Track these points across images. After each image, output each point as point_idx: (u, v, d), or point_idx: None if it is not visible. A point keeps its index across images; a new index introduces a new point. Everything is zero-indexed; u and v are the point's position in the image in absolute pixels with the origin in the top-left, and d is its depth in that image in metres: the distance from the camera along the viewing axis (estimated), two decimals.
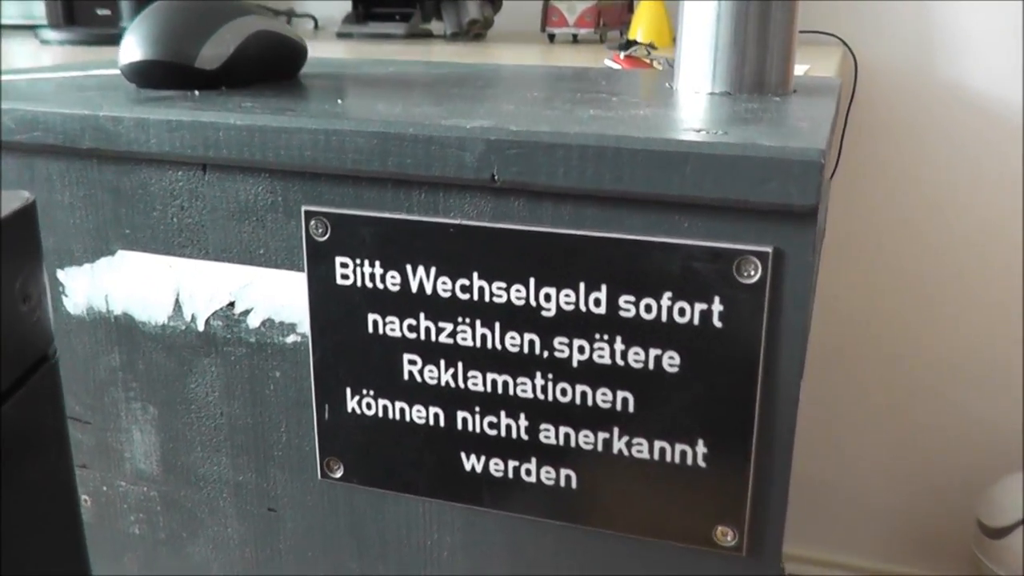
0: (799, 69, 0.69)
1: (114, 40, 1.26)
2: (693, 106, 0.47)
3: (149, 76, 0.52)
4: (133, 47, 0.51)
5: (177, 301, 0.49)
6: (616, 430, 0.42)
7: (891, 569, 1.36)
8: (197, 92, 0.50)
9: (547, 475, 0.44)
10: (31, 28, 1.50)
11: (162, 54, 0.51)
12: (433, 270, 0.43)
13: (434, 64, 0.68)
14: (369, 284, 0.44)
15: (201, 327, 0.48)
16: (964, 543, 1.22)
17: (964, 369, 1.24)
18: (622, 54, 0.74)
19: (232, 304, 0.47)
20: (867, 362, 1.29)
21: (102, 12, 1.38)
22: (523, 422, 0.43)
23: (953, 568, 1.31)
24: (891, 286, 1.24)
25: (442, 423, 0.45)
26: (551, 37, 1.17)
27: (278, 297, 0.46)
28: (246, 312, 0.47)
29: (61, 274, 0.51)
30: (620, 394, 0.41)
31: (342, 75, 0.62)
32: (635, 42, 0.81)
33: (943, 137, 1.16)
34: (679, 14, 0.52)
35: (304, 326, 0.46)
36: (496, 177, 0.40)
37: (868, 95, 1.17)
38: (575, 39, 1.17)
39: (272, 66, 0.56)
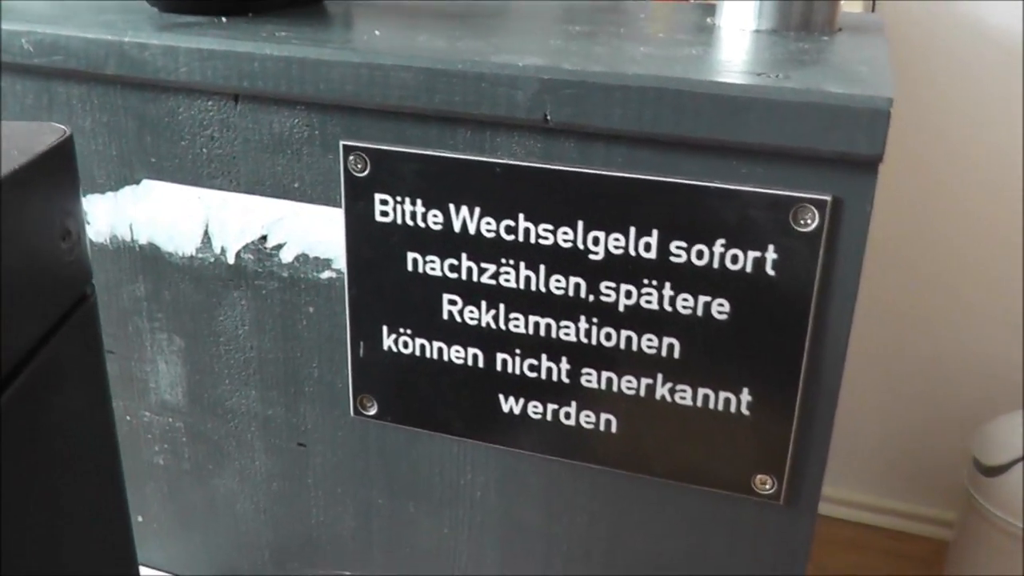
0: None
1: None
2: (743, 45, 0.46)
3: (170, 1, 0.50)
4: None
5: (206, 233, 0.47)
6: (660, 376, 0.42)
7: (884, 503, 1.38)
8: (224, 18, 0.49)
9: (587, 419, 0.43)
10: None
11: None
12: (477, 210, 0.42)
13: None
14: (410, 222, 0.43)
15: (231, 260, 0.47)
16: (958, 480, 1.24)
17: (962, 303, 1.24)
18: None
19: (264, 238, 0.46)
20: (863, 296, 1.29)
21: None
22: (565, 365, 0.43)
23: (946, 505, 1.33)
24: (888, 215, 1.24)
25: (481, 364, 0.44)
26: None
27: (313, 232, 0.45)
28: (279, 246, 0.46)
29: (83, 201, 0.49)
30: (666, 340, 0.41)
31: (369, 4, 0.59)
32: None
33: (955, 71, 1.15)
34: None
35: (340, 262, 0.45)
36: (549, 117, 0.38)
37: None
38: None
39: None
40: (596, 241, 0.40)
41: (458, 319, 0.44)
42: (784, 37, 0.47)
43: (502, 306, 0.43)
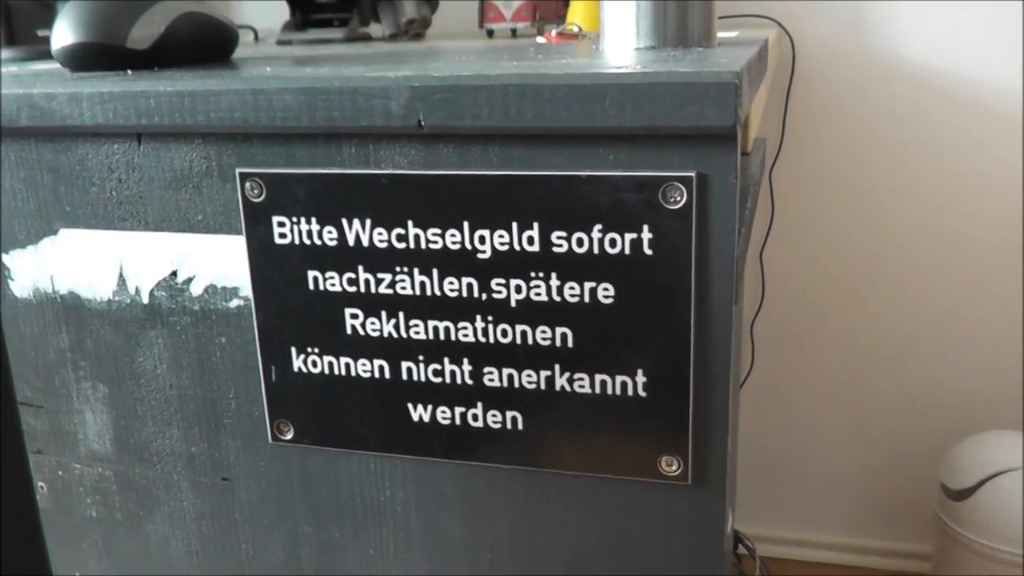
0: (728, 34, 0.70)
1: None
2: (617, 56, 0.48)
3: (82, 58, 0.52)
4: (65, 31, 0.52)
5: (121, 275, 0.49)
6: (557, 367, 0.43)
7: (859, 543, 1.38)
8: (130, 72, 0.51)
9: (493, 419, 0.45)
10: None
11: (93, 35, 0.51)
12: (368, 222, 0.43)
13: (371, 46, 0.69)
14: (307, 241, 0.45)
15: (146, 299, 0.49)
16: (930, 509, 1.24)
17: (917, 337, 1.26)
18: (554, 31, 0.76)
19: (175, 273, 0.48)
20: (820, 338, 1.30)
21: (43, 33, 1.37)
22: (467, 367, 0.44)
23: (920, 537, 1.33)
24: (839, 261, 1.26)
25: (388, 375, 0.46)
26: (489, 33, 1.18)
27: (219, 262, 0.47)
28: (188, 280, 0.48)
29: (6, 258, 0.51)
30: (559, 330, 0.42)
31: (276, 57, 0.62)
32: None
33: (883, 111, 1.19)
34: None
35: (246, 289, 0.47)
36: (423, 123, 0.40)
37: (807, 75, 1.19)
38: (514, 34, 1.19)
39: (204, 48, 0.57)
40: (482, 240, 0.42)
41: (361, 332, 0.45)
42: (659, 50, 0.50)
43: (401, 314, 0.44)
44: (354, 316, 0.45)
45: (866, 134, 1.21)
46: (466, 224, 0.42)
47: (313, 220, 0.44)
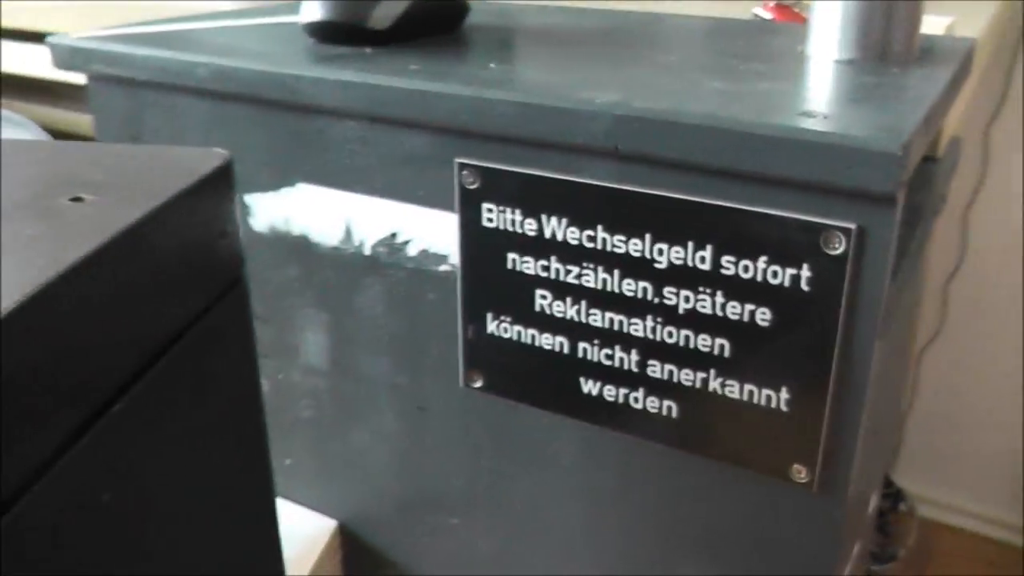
0: (941, 22, 0.71)
1: None
2: (814, 78, 0.51)
3: (326, 34, 0.59)
4: (314, 8, 0.59)
5: (347, 228, 0.57)
6: (713, 371, 0.48)
7: (1021, 522, 1.38)
8: (369, 50, 0.57)
9: (652, 404, 0.51)
10: None
11: (338, 15, 0.58)
12: (564, 220, 0.49)
13: (588, 12, 0.73)
14: (510, 228, 0.51)
15: (368, 252, 0.57)
16: None
17: None
18: (772, 2, 0.77)
19: (394, 235, 0.55)
20: (1016, 308, 1.28)
21: None
22: (634, 356, 0.50)
23: None
24: None
25: (566, 351, 0.52)
26: None
27: (433, 233, 0.54)
28: (406, 242, 0.55)
29: (248, 198, 0.60)
30: (718, 340, 0.48)
31: (496, 29, 0.67)
32: None
33: None
34: None
35: (454, 258, 0.54)
36: (619, 148, 0.46)
37: None
38: None
39: (437, 23, 0.63)
40: (660, 252, 0.47)
41: (547, 311, 0.52)
42: (859, 69, 0.52)
43: (583, 302, 0.51)
44: (543, 297, 0.52)
45: None
46: (648, 236, 0.47)
47: (517, 211, 0.50)
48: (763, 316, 0.46)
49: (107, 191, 0.35)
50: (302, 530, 0.68)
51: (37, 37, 0.98)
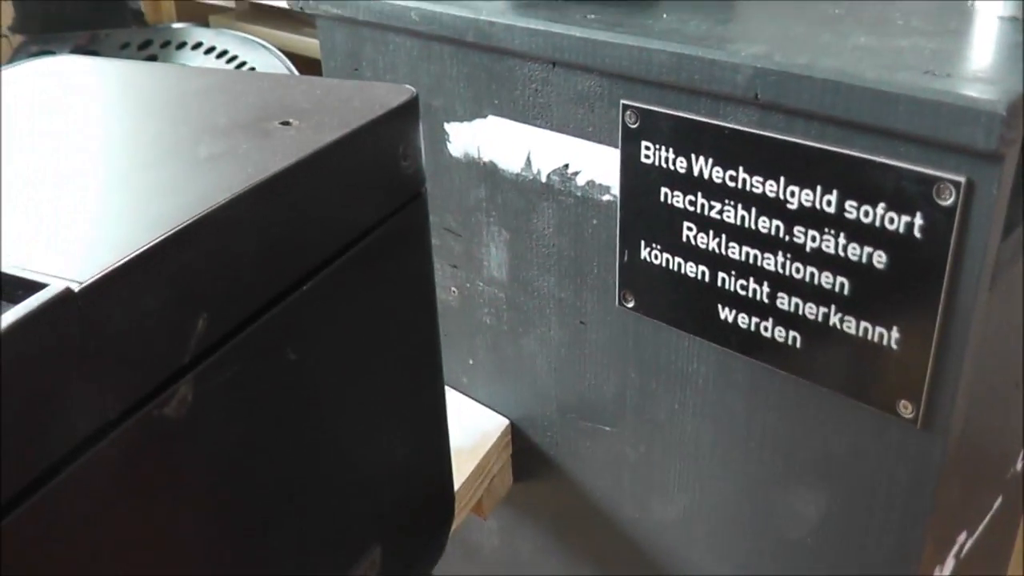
0: None
1: None
2: (964, 36, 0.54)
3: None
4: None
5: (528, 158, 0.64)
6: (833, 307, 0.53)
7: None
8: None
9: (779, 333, 0.56)
10: None
11: None
12: (711, 160, 0.55)
13: None
14: (664, 165, 0.57)
15: (544, 179, 0.64)
16: None
17: None
18: None
19: (567, 165, 0.62)
20: None
21: None
22: (766, 288, 0.55)
23: None
24: None
25: (707, 279, 0.58)
26: None
27: (599, 165, 0.61)
28: (576, 173, 0.62)
29: (447, 127, 0.68)
30: (839, 279, 0.52)
31: None
32: None
33: None
34: None
35: (615, 189, 0.60)
36: (759, 96, 0.51)
37: None
38: None
39: None
40: (792, 194, 0.52)
41: (692, 242, 0.58)
42: (1018, 26, 0.54)
43: (724, 236, 0.56)
44: (689, 228, 0.57)
45: None
46: (782, 178, 0.52)
47: (671, 150, 0.56)
48: (879, 259, 0.50)
49: (310, 118, 0.44)
50: (478, 424, 0.77)
51: None
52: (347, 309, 0.45)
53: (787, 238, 0.53)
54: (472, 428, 0.77)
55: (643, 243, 0.60)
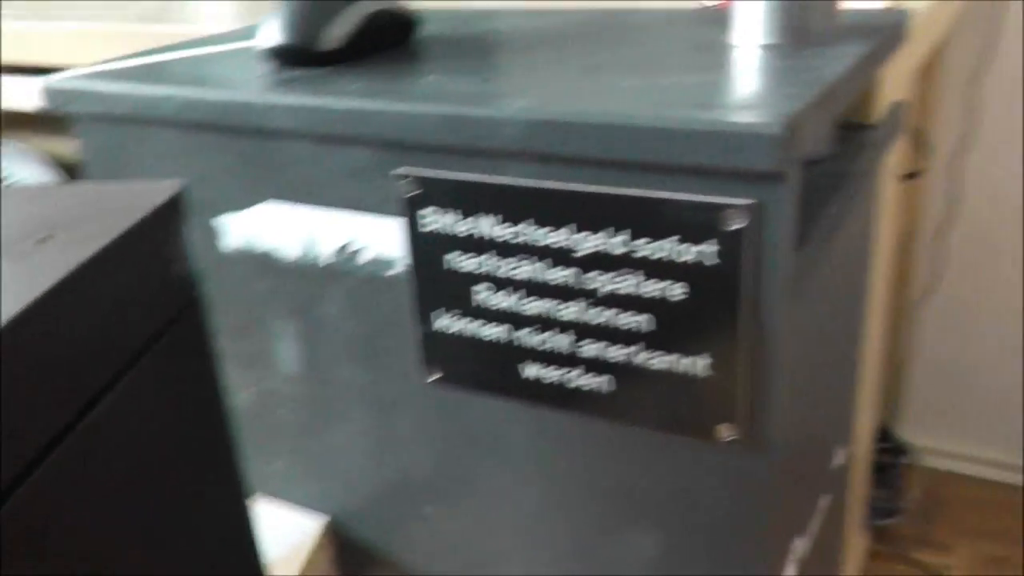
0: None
1: None
2: (728, 67, 0.55)
3: (283, 57, 0.64)
4: (270, 32, 0.64)
5: (307, 241, 0.62)
6: (638, 346, 0.53)
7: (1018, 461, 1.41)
8: (322, 70, 0.62)
9: (587, 381, 0.55)
10: None
11: (291, 39, 0.63)
12: (494, 219, 0.54)
13: (534, 15, 0.77)
14: (448, 230, 0.56)
15: (326, 262, 0.61)
16: None
17: None
18: None
19: (349, 244, 0.60)
20: (1013, 257, 1.32)
21: None
22: (567, 339, 0.55)
23: None
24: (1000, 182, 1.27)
25: (507, 339, 0.57)
26: None
27: (382, 240, 0.59)
28: (359, 250, 0.60)
29: (220, 220, 0.65)
30: (640, 317, 0.52)
31: (442, 39, 0.72)
32: None
33: None
34: None
35: (403, 262, 0.58)
36: (535, 148, 0.50)
37: None
38: None
39: (387, 38, 0.68)
40: (581, 241, 0.52)
41: (488, 304, 0.56)
42: (777, 52, 0.57)
43: (518, 293, 0.55)
44: (482, 291, 0.56)
45: None
46: (569, 227, 0.52)
47: (453, 214, 0.55)
48: (677, 291, 0.50)
49: (69, 231, 0.40)
50: (293, 529, 0.73)
51: (38, 71, 1.04)
52: (127, 439, 0.40)
53: (582, 285, 0.53)
54: (287, 534, 0.72)
55: (439, 313, 0.59)
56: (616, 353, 0.53)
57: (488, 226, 0.54)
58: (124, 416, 0.40)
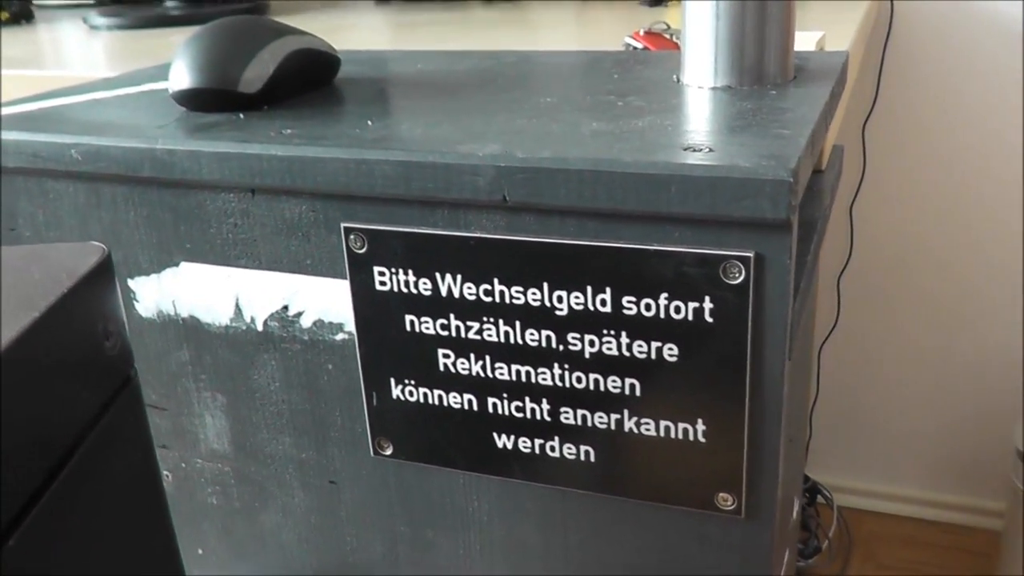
0: (812, 37, 0.72)
1: (161, 22, 1.31)
2: (692, 109, 0.51)
3: (197, 101, 0.57)
4: (181, 74, 0.57)
5: (237, 305, 0.55)
6: (626, 411, 0.48)
7: (934, 497, 1.41)
8: (242, 115, 0.56)
9: (569, 451, 0.50)
10: (78, 7, 1.56)
11: (207, 81, 0.56)
12: (459, 277, 0.48)
13: (461, 55, 0.73)
14: (404, 289, 0.50)
15: (260, 327, 0.55)
16: (1005, 468, 1.26)
17: (1001, 300, 1.27)
18: (642, 31, 0.78)
19: (286, 307, 0.54)
20: (906, 296, 1.32)
21: None
22: (546, 406, 0.49)
23: (994, 495, 1.36)
24: (928, 219, 1.27)
25: (475, 407, 0.51)
26: None
27: (326, 301, 0.52)
28: (299, 314, 0.53)
29: (132, 283, 0.57)
30: (628, 380, 0.47)
31: (371, 80, 0.66)
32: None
33: (978, 70, 1.18)
34: (683, 10, 0.56)
35: (350, 325, 0.52)
36: (507, 198, 0.45)
37: (904, 31, 1.19)
38: None
39: (309, 80, 0.61)
40: (560, 299, 0.47)
41: (452, 370, 0.50)
42: (735, 94, 0.53)
43: (488, 357, 0.49)
44: (446, 356, 0.50)
45: (961, 92, 1.21)
46: (546, 284, 0.47)
47: (410, 272, 0.49)
48: (670, 352, 0.45)
49: None
50: None
51: None
52: (67, 540, 0.33)
53: (561, 347, 0.48)
54: None
55: (393, 381, 0.52)
56: (602, 420, 0.48)
57: (451, 285, 0.49)
58: (62, 519, 0.33)
